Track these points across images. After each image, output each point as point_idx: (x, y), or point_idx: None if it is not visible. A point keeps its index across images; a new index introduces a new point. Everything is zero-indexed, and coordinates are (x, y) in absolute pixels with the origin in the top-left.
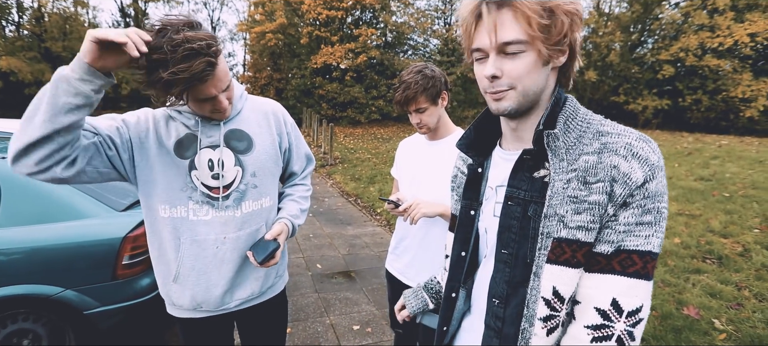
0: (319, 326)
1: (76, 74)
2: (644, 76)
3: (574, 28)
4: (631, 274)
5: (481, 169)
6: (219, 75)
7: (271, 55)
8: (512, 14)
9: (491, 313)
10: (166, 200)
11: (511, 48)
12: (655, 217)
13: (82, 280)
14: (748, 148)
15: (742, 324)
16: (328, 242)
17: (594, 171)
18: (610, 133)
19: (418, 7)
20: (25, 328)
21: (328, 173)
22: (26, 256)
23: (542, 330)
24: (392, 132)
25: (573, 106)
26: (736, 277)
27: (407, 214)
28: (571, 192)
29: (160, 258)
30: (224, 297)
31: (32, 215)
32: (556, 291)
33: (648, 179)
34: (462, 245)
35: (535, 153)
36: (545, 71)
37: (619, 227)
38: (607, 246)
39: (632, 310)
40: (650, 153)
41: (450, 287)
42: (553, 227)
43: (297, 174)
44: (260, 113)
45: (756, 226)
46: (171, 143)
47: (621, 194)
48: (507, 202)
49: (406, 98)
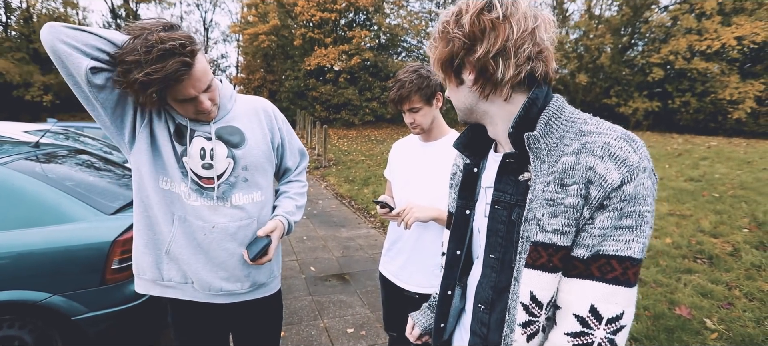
0: (312, 329)
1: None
2: (635, 79)
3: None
4: (610, 280)
5: (477, 169)
6: (196, 75)
7: (265, 56)
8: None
9: (477, 319)
10: (167, 173)
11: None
12: (635, 221)
13: (70, 285)
14: (737, 149)
15: (733, 323)
16: (322, 245)
17: (571, 172)
18: (591, 132)
19: (411, 10)
20: (11, 335)
21: (322, 174)
22: (12, 261)
23: (522, 336)
24: (386, 134)
25: (557, 106)
26: (727, 276)
27: (400, 219)
28: (548, 195)
29: (150, 226)
30: (213, 282)
31: (18, 219)
32: (533, 296)
33: (625, 180)
34: (457, 243)
35: (518, 156)
36: (463, 91)
37: (594, 230)
38: (583, 250)
39: (612, 317)
40: (629, 153)
41: (445, 285)
42: (531, 230)
43: (291, 170)
44: (251, 110)
45: (745, 226)
46: (172, 128)
47: (596, 196)
48: (494, 206)
49: (400, 97)
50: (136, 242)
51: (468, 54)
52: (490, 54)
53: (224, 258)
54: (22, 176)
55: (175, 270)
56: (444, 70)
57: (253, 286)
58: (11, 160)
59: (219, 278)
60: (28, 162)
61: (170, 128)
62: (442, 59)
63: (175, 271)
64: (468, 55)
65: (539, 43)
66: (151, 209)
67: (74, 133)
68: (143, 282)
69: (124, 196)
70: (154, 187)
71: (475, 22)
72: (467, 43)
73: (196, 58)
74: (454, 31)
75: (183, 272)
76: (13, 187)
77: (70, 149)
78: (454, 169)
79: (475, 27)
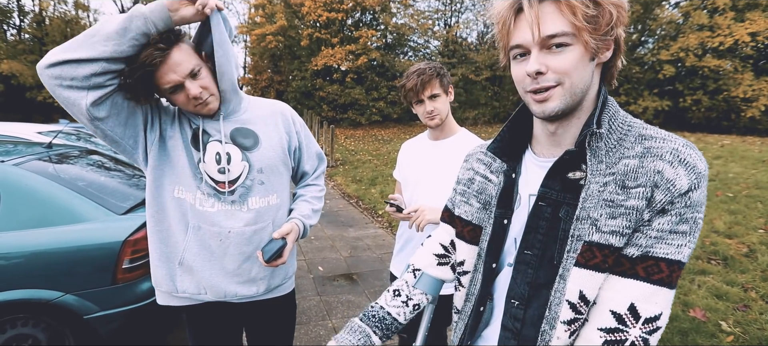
0: (321, 329)
1: (154, 16)
2: (645, 77)
3: (619, 21)
4: (656, 281)
5: (515, 175)
6: (175, 59)
7: (272, 57)
8: (555, 6)
9: (509, 314)
10: (181, 182)
11: (556, 40)
12: (690, 227)
13: (82, 284)
14: (751, 148)
15: (750, 326)
16: (330, 245)
17: (634, 175)
18: (654, 137)
19: (418, 9)
20: (25, 333)
21: (330, 174)
22: (26, 260)
23: (565, 333)
24: (393, 133)
25: (615, 107)
26: (742, 278)
27: (412, 220)
28: (608, 196)
29: (165, 240)
30: (228, 288)
31: (32, 219)
32: (582, 295)
33: (693, 187)
34: (494, 256)
35: (574, 154)
36: (591, 67)
37: (650, 232)
38: (634, 249)
39: (650, 317)
40: (698, 160)
41: (480, 301)
42: (584, 230)
43: (309, 174)
44: (268, 112)
45: (761, 226)
46: (189, 134)
47: (661, 200)
48: (538, 202)
49: (422, 82)
50: (151, 257)
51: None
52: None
53: (240, 262)
54: (35, 176)
55: (188, 282)
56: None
57: (267, 289)
58: (25, 161)
59: (234, 283)
60: (42, 162)
61: (188, 135)
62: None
63: (189, 282)
64: (615, 26)
65: (618, 37)
66: (165, 221)
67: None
68: (161, 294)
69: (134, 196)
70: (169, 197)
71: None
72: (618, 14)
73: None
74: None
75: (197, 283)
76: (27, 187)
77: (81, 150)
78: (469, 175)
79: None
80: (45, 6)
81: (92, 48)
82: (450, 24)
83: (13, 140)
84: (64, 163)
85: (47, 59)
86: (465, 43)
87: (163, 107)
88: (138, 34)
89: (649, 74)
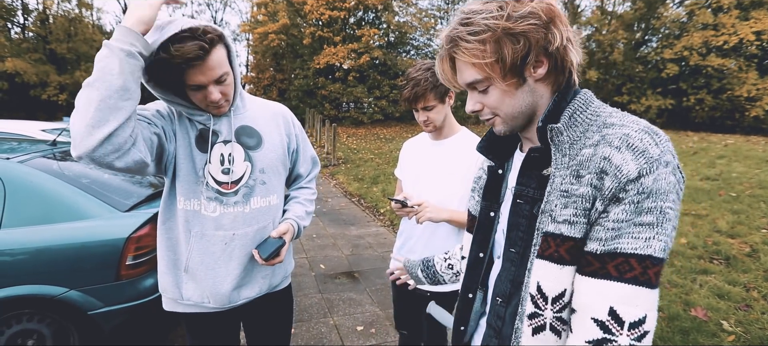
0: (322, 326)
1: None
2: (648, 75)
3: (536, 41)
4: (629, 280)
5: (502, 171)
6: (211, 63)
7: (274, 55)
8: (463, 61)
9: (494, 312)
10: (183, 192)
11: (475, 86)
12: (656, 217)
13: (86, 280)
14: (755, 148)
15: (751, 326)
16: (332, 243)
17: (587, 164)
18: (613, 124)
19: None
20: (30, 328)
21: (332, 173)
22: (31, 256)
23: (529, 329)
24: (395, 132)
25: (584, 100)
26: (744, 278)
27: (414, 213)
28: (564, 186)
29: (173, 247)
30: (231, 294)
31: (36, 216)
32: (539, 287)
33: (644, 172)
34: (480, 246)
35: (543, 150)
36: (524, 90)
37: (608, 223)
38: (596, 244)
39: (635, 321)
40: (650, 145)
41: (467, 288)
42: (544, 221)
43: (303, 176)
44: (270, 114)
45: (764, 226)
46: (193, 136)
47: (610, 187)
48: (516, 200)
49: (415, 95)
50: (159, 263)
51: (545, 42)
52: (566, 39)
53: (244, 264)
54: (40, 173)
55: (192, 289)
56: (505, 73)
57: (269, 288)
58: (30, 158)
59: (238, 289)
60: (46, 160)
61: (191, 136)
62: (508, 61)
63: (193, 290)
64: (544, 45)
65: (549, 48)
66: (175, 229)
67: None
68: (167, 300)
69: (138, 193)
70: (179, 208)
71: (545, 8)
72: (544, 32)
73: (215, 48)
74: (521, 25)
75: (200, 291)
76: (32, 184)
77: None
78: (479, 173)
79: (547, 12)
80: (49, 4)
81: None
82: None
83: (18, 138)
84: (68, 161)
85: (89, 144)
86: None
87: (163, 115)
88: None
89: (652, 73)
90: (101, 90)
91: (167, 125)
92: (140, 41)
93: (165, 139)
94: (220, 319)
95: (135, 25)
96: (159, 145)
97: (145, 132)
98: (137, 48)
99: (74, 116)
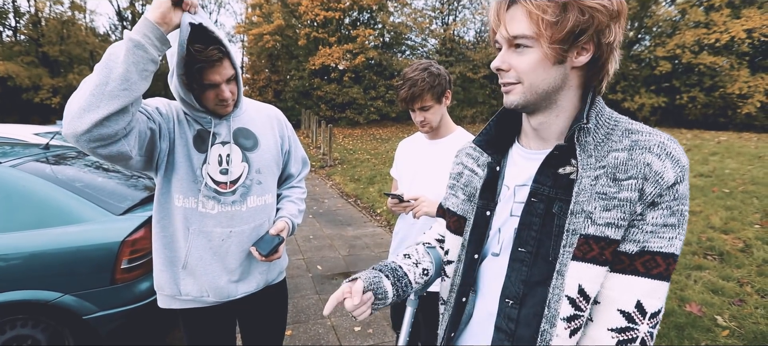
0: (320, 327)
1: (150, 40)
2: (641, 73)
3: (598, 24)
4: (655, 276)
5: (499, 168)
6: (225, 65)
7: (269, 56)
8: (523, 10)
9: (503, 315)
10: (181, 190)
11: (518, 41)
12: (678, 219)
13: (81, 285)
14: (747, 144)
15: (745, 320)
16: (329, 243)
17: (624, 168)
18: (640, 131)
19: (415, 7)
20: (25, 334)
21: (328, 174)
22: (24, 261)
23: (565, 331)
24: (391, 132)
25: (601, 104)
26: (738, 273)
27: (410, 208)
28: (600, 188)
29: (169, 245)
30: (229, 288)
31: (30, 220)
32: (582, 289)
33: (679, 179)
34: (476, 247)
35: (564, 149)
36: (558, 70)
37: (646, 226)
38: (632, 246)
39: (654, 312)
40: (681, 155)
41: (461, 292)
42: (579, 223)
43: (293, 176)
44: (264, 116)
45: (756, 222)
46: (191, 136)
47: (650, 192)
48: (530, 199)
49: (412, 96)
50: (155, 261)
51: (603, 31)
52: (618, 41)
53: (241, 260)
54: (33, 177)
55: (191, 285)
56: (558, 40)
57: (266, 284)
58: (22, 162)
59: (236, 283)
60: (39, 164)
61: (190, 137)
62: (568, 29)
63: (192, 285)
64: (603, 32)
65: (598, 40)
66: (171, 226)
67: None
68: (163, 298)
69: (132, 196)
70: (174, 203)
71: (618, 0)
72: (607, 20)
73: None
74: (593, 1)
75: (199, 286)
76: (24, 188)
77: (79, 151)
78: (458, 169)
79: (619, 5)
80: (41, 7)
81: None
82: (447, 22)
83: (11, 142)
84: (62, 165)
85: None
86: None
87: (162, 112)
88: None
89: (645, 71)
90: (102, 74)
91: (164, 123)
92: (155, 33)
93: (158, 137)
94: (218, 314)
95: (156, 19)
96: (150, 141)
97: (141, 125)
98: (151, 40)
99: (72, 96)
